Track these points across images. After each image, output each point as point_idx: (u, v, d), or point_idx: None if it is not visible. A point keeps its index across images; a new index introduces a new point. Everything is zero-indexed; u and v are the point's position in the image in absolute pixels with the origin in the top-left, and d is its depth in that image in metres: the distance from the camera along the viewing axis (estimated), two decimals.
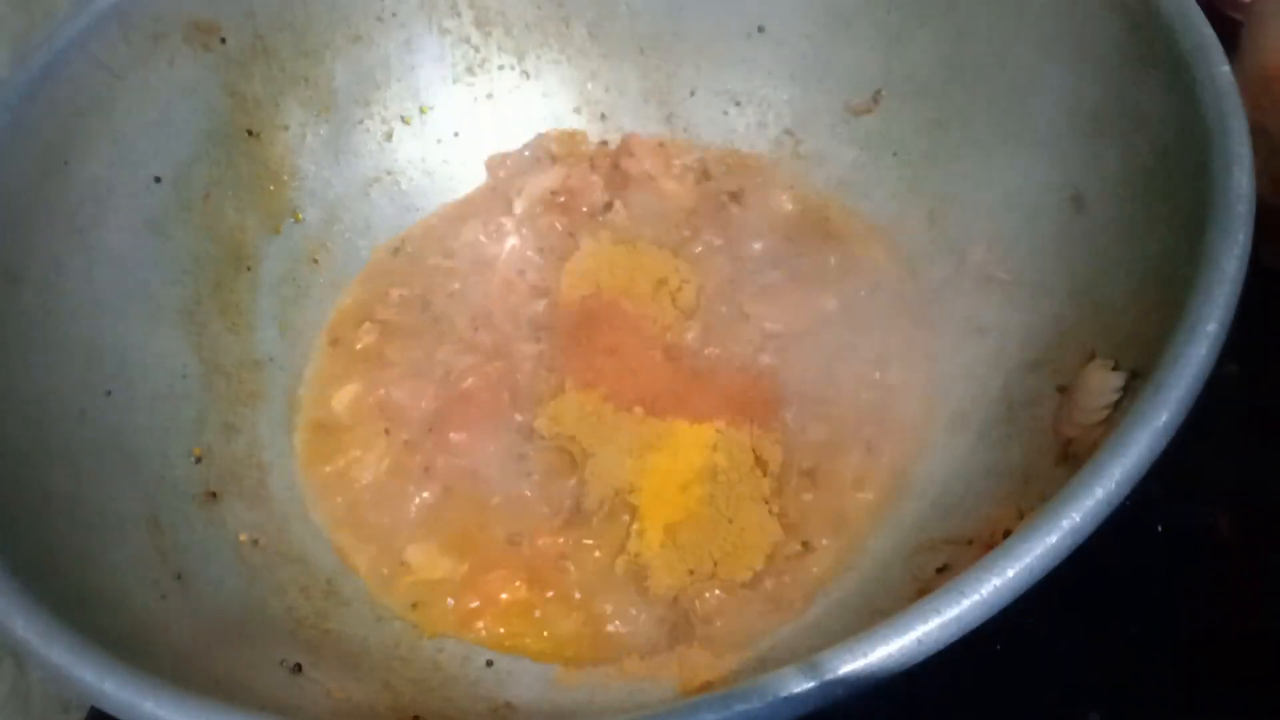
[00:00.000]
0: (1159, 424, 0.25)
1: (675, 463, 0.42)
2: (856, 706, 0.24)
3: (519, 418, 0.44)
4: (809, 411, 0.42)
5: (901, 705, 0.39)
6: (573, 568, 0.40)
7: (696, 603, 0.37)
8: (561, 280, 0.49)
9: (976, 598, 0.23)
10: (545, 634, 0.38)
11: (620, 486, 0.41)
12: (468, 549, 0.41)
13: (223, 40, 0.46)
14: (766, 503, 0.40)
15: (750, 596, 0.37)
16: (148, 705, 0.25)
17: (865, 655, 0.23)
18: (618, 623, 0.38)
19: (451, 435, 0.44)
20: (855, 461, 0.41)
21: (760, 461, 0.41)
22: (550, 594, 0.39)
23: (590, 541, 0.40)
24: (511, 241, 0.51)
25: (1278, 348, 0.40)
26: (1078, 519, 0.24)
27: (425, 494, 0.43)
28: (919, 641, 0.23)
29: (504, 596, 0.40)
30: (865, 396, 0.42)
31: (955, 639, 0.23)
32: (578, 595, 0.39)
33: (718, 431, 0.42)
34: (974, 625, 0.23)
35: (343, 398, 0.46)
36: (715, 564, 0.39)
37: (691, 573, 0.39)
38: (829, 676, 0.23)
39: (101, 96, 0.42)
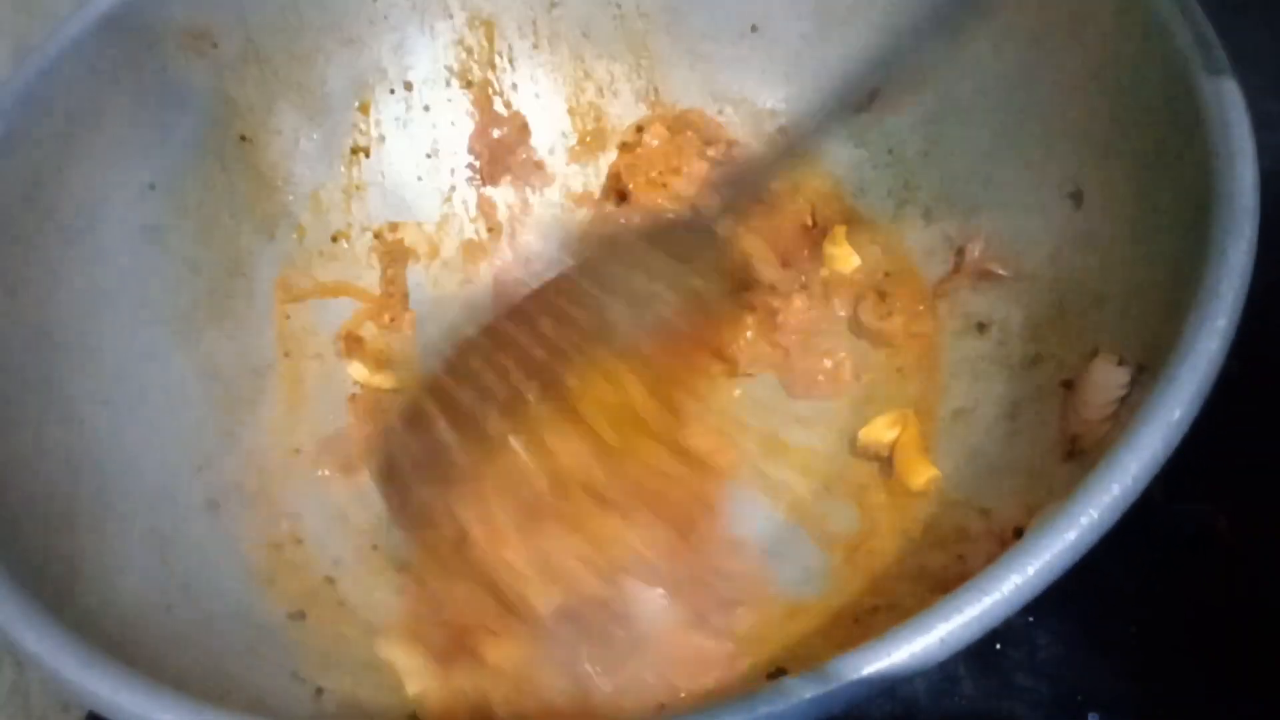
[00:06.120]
0: (1173, 419, 0.25)
1: None
2: (855, 707, 0.24)
3: None
4: None
5: (900, 705, 0.39)
6: None
7: None
8: None
9: (998, 595, 0.23)
10: None
11: None
12: None
13: (215, 46, 0.45)
14: None
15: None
16: (165, 718, 0.25)
17: (889, 655, 0.23)
18: None
19: None
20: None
21: None
22: None
23: None
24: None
25: (1278, 346, 0.40)
26: (1095, 515, 0.24)
27: None
28: (942, 641, 0.23)
29: None
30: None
31: (976, 638, 0.23)
32: None
33: None
34: (995, 624, 0.23)
35: None
36: None
37: None
38: (852, 677, 0.23)
39: (95, 103, 0.41)
